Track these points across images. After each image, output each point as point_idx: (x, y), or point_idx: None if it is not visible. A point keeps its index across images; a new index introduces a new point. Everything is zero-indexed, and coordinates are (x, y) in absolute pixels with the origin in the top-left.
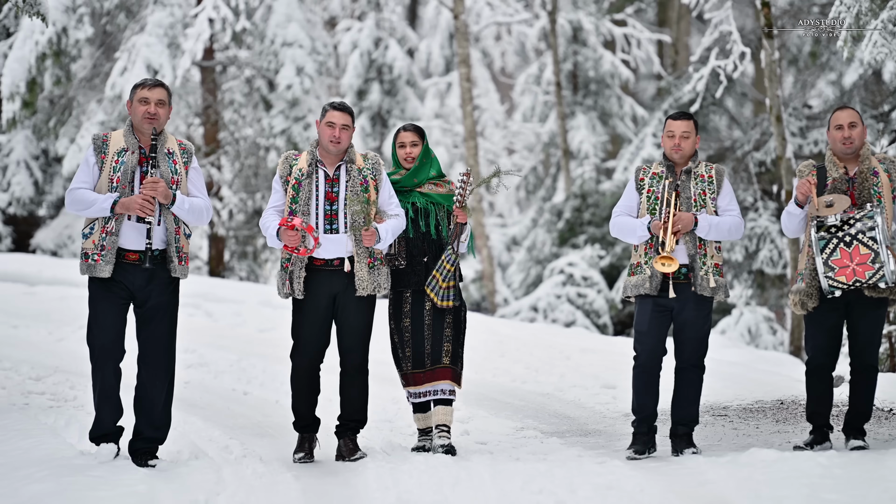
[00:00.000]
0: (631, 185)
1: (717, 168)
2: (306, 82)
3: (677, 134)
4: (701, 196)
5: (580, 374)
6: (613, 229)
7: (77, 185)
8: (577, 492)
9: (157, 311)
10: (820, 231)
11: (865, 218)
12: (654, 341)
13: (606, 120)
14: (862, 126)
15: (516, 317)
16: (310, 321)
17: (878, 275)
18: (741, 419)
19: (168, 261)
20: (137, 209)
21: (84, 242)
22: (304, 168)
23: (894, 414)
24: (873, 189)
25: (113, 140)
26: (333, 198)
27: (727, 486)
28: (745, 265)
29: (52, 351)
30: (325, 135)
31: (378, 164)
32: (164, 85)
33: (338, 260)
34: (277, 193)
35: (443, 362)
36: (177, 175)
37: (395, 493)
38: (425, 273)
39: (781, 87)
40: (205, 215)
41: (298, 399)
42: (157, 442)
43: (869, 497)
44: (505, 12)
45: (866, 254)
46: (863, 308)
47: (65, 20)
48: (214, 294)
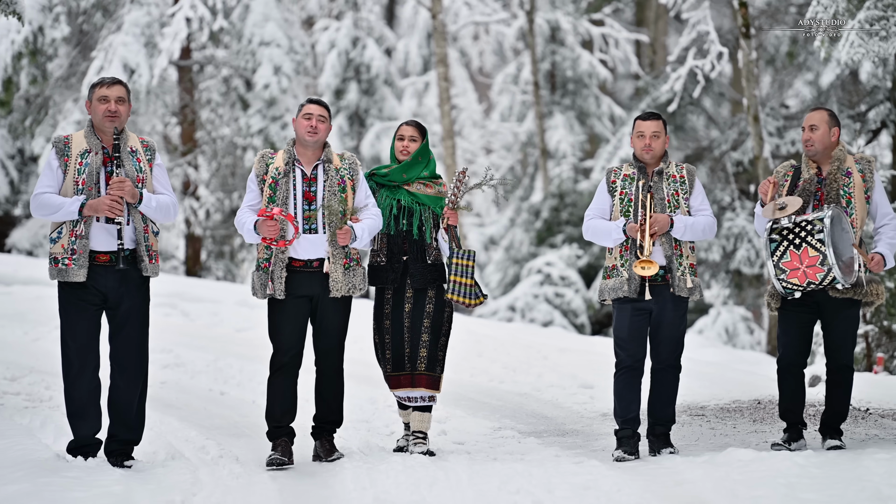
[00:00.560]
0: (602, 188)
1: (688, 168)
2: (283, 82)
3: (647, 134)
4: (674, 196)
5: (558, 374)
6: (587, 233)
7: (41, 189)
8: (555, 492)
9: (131, 315)
10: (773, 233)
11: (816, 220)
12: (635, 346)
13: (584, 119)
14: (827, 128)
15: (494, 316)
16: (290, 322)
17: (830, 277)
18: (718, 419)
19: (139, 260)
20: (106, 210)
21: (52, 247)
22: (281, 167)
23: (870, 413)
24: (843, 190)
25: (75, 142)
26: (311, 197)
27: (704, 486)
28: (723, 265)
29: (28, 351)
30: (303, 126)
31: (355, 164)
32: (122, 82)
33: (317, 261)
34: (252, 192)
35: (418, 368)
36: (142, 173)
37: (373, 493)
38: (403, 271)
39: (759, 87)
40: (172, 212)
41: (275, 403)
42: (132, 443)
43: (846, 496)
44: (483, 12)
45: (815, 256)
46: (834, 309)
47: (41, 19)
48: (191, 294)
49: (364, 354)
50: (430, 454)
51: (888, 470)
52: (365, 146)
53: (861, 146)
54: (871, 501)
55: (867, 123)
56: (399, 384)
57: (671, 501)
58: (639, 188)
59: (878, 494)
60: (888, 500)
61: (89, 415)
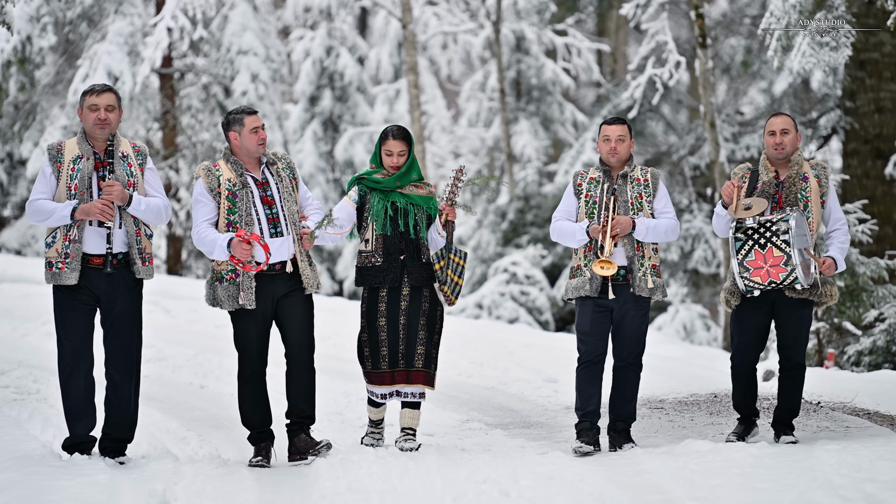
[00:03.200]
0: (569, 191)
1: (652, 172)
2: (261, 89)
3: (613, 138)
4: (638, 199)
5: (523, 369)
6: (554, 234)
7: (36, 196)
8: (520, 481)
9: (124, 317)
10: (738, 233)
11: (780, 221)
12: (596, 341)
13: (548, 125)
14: (795, 133)
15: (462, 314)
16: (257, 328)
17: (791, 277)
18: (677, 412)
19: (132, 263)
20: (97, 214)
21: (47, 251)
22: (234, 178)
23: (821, 406)
24: (800, 194)
25: (67, 148)
26: (270, 202)
27: (663, 476)
28: (681, 264)
29: (16, 346)
30: (253, 141)
31: (292, 163)
32: (112, 90)
33: (279, 264)
34: (207, 206)
35: (415, 365)
36: (132, 177)
37: (346, 482)
38: (400, 271)
39: (715, 95)
40: (163, 214)
41: (252, 410)
42: (124, 441)
43: (798, 485)
44: (451, 22)
45: (779, 256)
46: (788, 309)
47: (29, 29)
48: (172, 291)
49: (338, 350)
50: (418, 449)
51: (839, 460)
52: (339, 150)
53: (812, 151)
54: (822, 490)
55: (818, 130)
56: (392, 380)
57: (632, 490)
58: (603, 191)
59: (830, 483)
60: (839, 489)
61: (84, 414)
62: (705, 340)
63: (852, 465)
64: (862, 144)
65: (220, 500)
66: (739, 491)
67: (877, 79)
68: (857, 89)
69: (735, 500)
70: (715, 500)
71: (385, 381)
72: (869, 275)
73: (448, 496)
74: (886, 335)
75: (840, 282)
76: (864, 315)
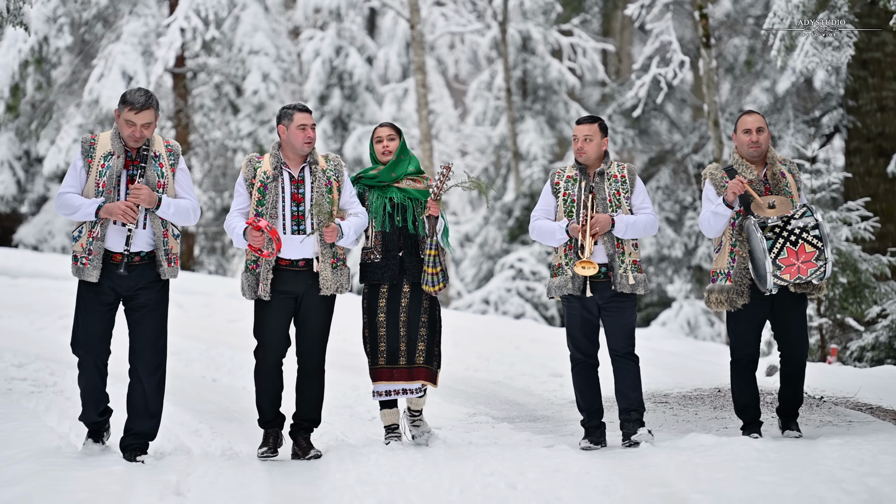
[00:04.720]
0: (547, 189)
1: (628, 167)
2: (271, 88)
3: (580, 137)
4: (616, 196)
5: (529, 363)
6: (533, 233)
7: (65, 189)
8: (527, 474)
9: (148, 311)
10: (764, 231)
11: (805, 217)
12: (587, 342)
13: (554, 124)
14: (768, 130)
15: (469, 309)
16: (274, 321)
17: (820, 271)
18: (681, 406)
19: (157, 264)
20: (120, 215)
21: (74, 245)
22: (269, 171)
23: (824, 401)
24: (786, 190)
25: (100, 143)
26: (300, 199)
27: (668, 469)
28: (685, 261)
29: (34, 339)
30: (299, 138)
31: (340, 166)
32: (151, 105)
33: (303, 261)
34: (241, 196)
35: (417, 362)
36: (163, 178)
37: (356, 474)
38: (400, 267)
39: (718, 94)
40: (192, 216)
41: (263, 396)
42: (147, 437)
43: (801, 478)
44: (458, 23)
45: (811, 251)
46: (789, 305)
47: (46, 29)
48: (185, 287)
49: (347, 344)
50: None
51: (842, 454)
52: (348, 149)
53: (815, 150)
54: (825, 484)
55: (821, 128)
56: (392, 377)
57: (636, 483)
58: (581, 189)
59: (833, 477)
60: (842, 483)
61: (98, 399)
62: (709, 336)
63: (855, 459)
64: (864, 143)
65: (231, 491)
66: (743, 484)
67: (879, 78)
68: (859, 88)
69: (739, 493)
70: (719, 493)
71: (383, 377)
72: (871, 271)
73: (455, 488)
74: (889, 331)
75: (843, 278)
76: (867, 311)
